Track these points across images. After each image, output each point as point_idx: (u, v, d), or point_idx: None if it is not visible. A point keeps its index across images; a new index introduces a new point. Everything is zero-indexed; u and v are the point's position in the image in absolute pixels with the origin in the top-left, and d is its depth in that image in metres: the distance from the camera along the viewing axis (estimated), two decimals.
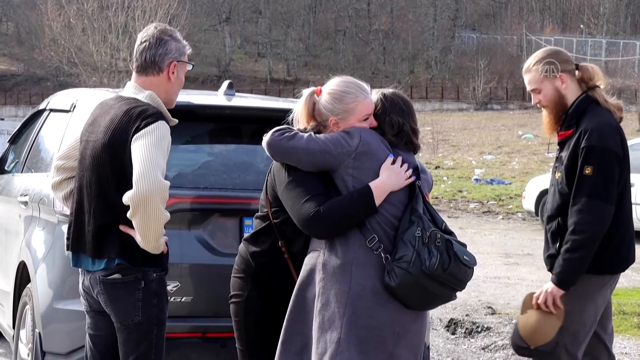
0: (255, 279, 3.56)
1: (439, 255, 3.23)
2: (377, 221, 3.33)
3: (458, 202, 19.22)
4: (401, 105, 3.61)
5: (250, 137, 4.74)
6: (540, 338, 3.92)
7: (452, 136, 36.75)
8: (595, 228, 3.76)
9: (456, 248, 3.28)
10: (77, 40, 44.80)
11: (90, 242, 3.57)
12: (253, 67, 68.92)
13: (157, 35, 3.68)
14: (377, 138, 3.46)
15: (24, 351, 4.69)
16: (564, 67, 3.94)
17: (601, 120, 3.86)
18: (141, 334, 3.58)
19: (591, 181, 3.79)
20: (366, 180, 3.34)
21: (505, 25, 69.74)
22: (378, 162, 3.38)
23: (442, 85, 60.24)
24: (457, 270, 3.27)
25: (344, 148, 3.35)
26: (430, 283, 3.24)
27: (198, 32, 63.68)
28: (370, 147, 3.39)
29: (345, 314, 3.26)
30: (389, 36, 69.83)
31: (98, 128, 3.62)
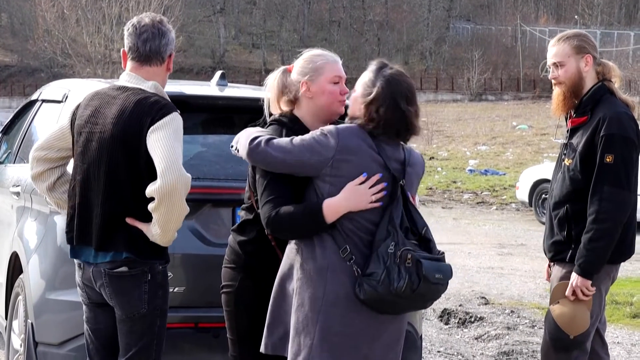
0: (245, 269, 3.57)
1: (408, 277, 3.13)
2: (352, 227, 3.25)
3: (452, 193, 19.24)
4: (406, 93, 3.37)
5: (243, 127, 4.70)
6: (579, 326, 3.93)
7: (446, 127, 36.76)
8: (618, 216, 3.79)
9: (426, 268, 3.15)
10: (71, 31, 44.65)
11: (97, 235, 3.56)
12: (247, 58, 68.79)
13: (158, 25, 3.69)
14: (359, 139, 3.29)
15: (16, 342, 4.69)
16: (592, 51, 4.01)
17: (619, 109, 3.89)
18: (145, 325, 3.60)
19: (613, 169, 3.80)
20: (342, 188, 3.26)
21: (499, 15, 69.69)
22: (357, 169, 3.26)
23: (437, 76, 60.20)
24: (426, 290, 3.18)
25: (321, 155, 3.25)
26: (399, 300, 3.19)
27: (192, 23, 63.51)
28: (348, 154, 3.25)
29: (319, 321, 3.24)
30: (384, 27, 69.74)
31: (104, 119, 3.57)
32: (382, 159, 3.28)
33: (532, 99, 50.63)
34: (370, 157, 3.27)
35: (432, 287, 3.18)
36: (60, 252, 4.19)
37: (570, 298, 3.90)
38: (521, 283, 9.21)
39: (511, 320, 7.28)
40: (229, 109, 4.70)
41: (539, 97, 49.09)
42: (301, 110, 3.60)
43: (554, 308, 3.99)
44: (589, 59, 3.99)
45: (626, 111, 3.91)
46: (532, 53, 59.81)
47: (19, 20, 65.24)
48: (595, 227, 3.79)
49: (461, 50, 63.46)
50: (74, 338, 4.07)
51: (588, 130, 3.88)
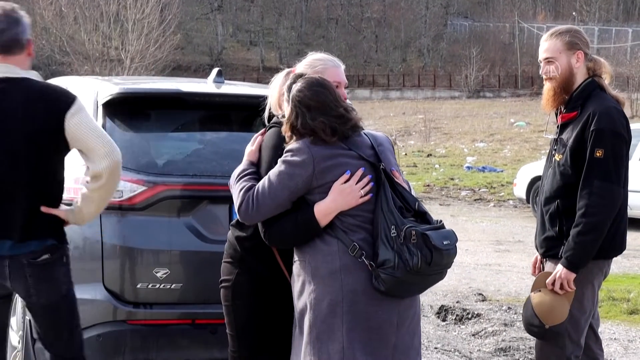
0: (242, 263, 3.59)
1: (420, 253, 3.21)
2: (355, 222, 3.29)
3: (450, 190, 19.26)
4: (312, 104, 3.35)
5: (240, 124, 4.75)
6: (556, 317, 3.92)
7: (444, 124, 36.78)
8: (607, 210, 3.78)
9: (433, 239, 3.23)
10: (68, 29, 44.61)
11: (19, 227, 3.53)
12: (245, 56, 68.80)
13: (11, 14, 3.62)
14: (327, 143, 3.32)
15: (14, 338, 4.71)
16: (583, 47, 4.00)
17: (609, 104, 3.89)
18: (72, 307, 3.68)
19: (602, 164, 3.80)
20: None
21: (497, 12, 69.77)
22: (340, 170, 3.29)
23: (435, 73, 60.24)
24: (440, 259, 3.25)
25: (302, 176, 3.28)
26: (418, 278, 3.25)
27: (190, 20, 63.52)
28: (325, 161, 3.29)
29: (344, 323, 3.27)
30: (381, 24, 69.75)
31: (4, 113, 3.50)
32: (355, 152, 3.33)
33: (529, 95, 50.70)
34: (345, 155, 3.32)
35: (444, 254, 3.25)
36: None
37: (549, 287, 3.92)
38: (518, 280, 9.22)
39: (508, 317, 7.29)
40: (226, 106, 4.72)
41: (536, 94, 49.13)
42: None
43: (534, 296, 4.01)
44: (580, 55, 3.98)
45: (616, 106, 3.92)
46: (530, 50, 59.84)
47: None
48: (584, 221, 3.80)
49: (459, 47, 63.49)
50: None
51: (578, 125, 3.89)
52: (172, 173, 4.25)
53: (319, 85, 3.37)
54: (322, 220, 3.27)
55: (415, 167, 23.13)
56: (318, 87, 3.37)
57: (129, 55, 38.55)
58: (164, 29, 39.53)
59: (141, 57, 38.11)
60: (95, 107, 4.43)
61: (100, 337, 4.01)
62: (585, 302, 3.95)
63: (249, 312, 3.57)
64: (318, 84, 3.38)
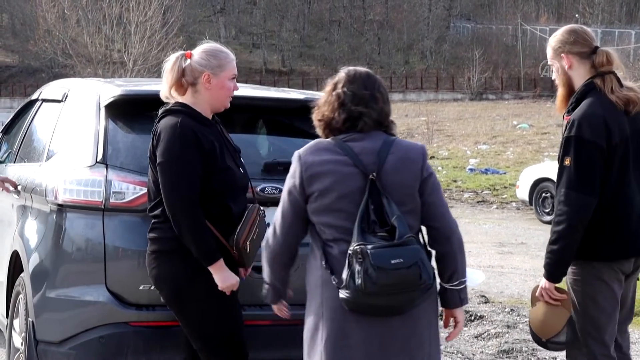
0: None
1: (364, 272, 3.05)
2: (336, 235, 3.21)
3: (452, 192, 19.25)
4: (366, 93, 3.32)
5: (243, 126, 4.75)
6: (548, 330, 3.93)
7: (446, 126, 36.76)
8: (573, 218, 3.74)
9: (375, 257, 3.05)
10: (71, 31, 44.65)
11: None
12: (248, 58, 68.82)
13: None
14: (319, 149, 3.27)
15: (17, 340, 4.71)
16: (571, 48, 3.91)
17: (587, 110, 3.81)
18: None
19: (569, 172, 3.79)
20: (321, 204, 3.24)
21: (500, 15, 69.74)
22: (327, 178, 3.21)
23: (437, 76, 60.22)
24: (391, 279, 3.06)
25: (295, 186, 3.27)
26: (374, 298, 3.09)
27: (193, 23, 63.55)
28: (313, 168, 3.24)
29: (322, 338, 3.20)
30: (384, 26, 69.75)
31: None
32: (348, 158, 3.23)
33: (532, 98, 50.65)
34: (335, 162, 3.24)
35: (395, 274, 3.05)
36: (60, 250, 4.20)
37: (540, 299, 3.94)
38: (521, 282, 9.22)
39: (511, 319, 7.29)
40: (229, 107, 4.71)
41: (539, 96, 49.13)
42: (195, 99, 3.83)
43: (531, 310, 4.05)
44: (568, 58, 3.91)
45: (595, 112, 3.81)
46: (533, 52, 59.82)
47: (20, 21, 65.29)
48: (553, 230, 3.81)
49: (462, 50, 63.48)
50: (74, 336, 4.08)
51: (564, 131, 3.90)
52: None
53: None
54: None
55: None
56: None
57: (132, 57, 38.58)
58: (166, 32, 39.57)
59: (144, 59, 38.14)
60: (98, 109, 4.43)
61: (103, 338, 4.01)
62: (601, 300, 3.89)
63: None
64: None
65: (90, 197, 4.14)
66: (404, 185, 3.25)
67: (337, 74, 3.42)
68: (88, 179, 4.16)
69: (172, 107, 3.81)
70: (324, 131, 3.35)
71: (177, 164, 3.68)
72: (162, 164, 3.70)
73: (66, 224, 4.20)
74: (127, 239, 4.06)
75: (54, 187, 4.30)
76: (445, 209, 3.33)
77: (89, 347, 4.04)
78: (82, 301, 4.10)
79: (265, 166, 4.34)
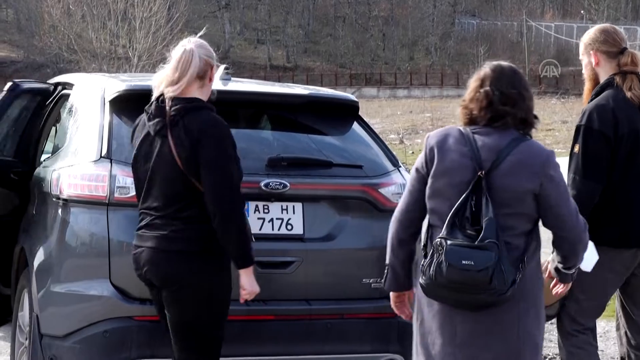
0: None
1: (437, 264, 3.18)
2: (436, 221, 3.31)
3: None
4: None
5: (247, 121, 4.75)
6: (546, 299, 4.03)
7: (452, 122, 36.62)
8: (577, 202, 3.85)
9: (448, 253, 3.16)
10: (76, 27, 44.71)
11: None
12: (252, 54, 68.85)
13: None
14: (445, 136, 3.34)
15: (22, 334, 4.73)
16: (600, 47, 4.16)
17: (599, 102, 4.06)
18: None
19: (577, 159, 4.04)
20: (434, 185, 3.32)
21: (505, 11, 69.66)
22: (442, 164, 3.28)
23: (442, 72, 60.17)
24: (457, 276, 3.17)
25: (419, 166, 3.37)
26: (443, 290, 3.22)
27: (198, 18, 63.52)
28: (433, 152, 3.32)
29: (416, 320, 3.42)
30: (389, 22, 69.71)
31: None
32: (468, 150, 3.28)
33: (537, 94, 50.50)
34: (455, 151, 3.29)
35: (463, 274, 3.15)
36: (65, 245, 4.21)
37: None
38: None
39: None
40: (233, 103, 4.72)
41: (544, 92, 49.04)
42: (201, 93, 3.79)
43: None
44: (597, 55, 4.15)
45: (606, 103, 4.04)
46: (538, 48, 59.78)
47: (25, 16, 65.37)
48: None
49: (466, 46, 63.45)
50: (79, 330, 4.09)
51: None
52: None
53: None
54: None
55: None
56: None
57: (137, 53, 38.64)
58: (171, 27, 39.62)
59: (148, 55, 38.21)
60: (102, 104, 4.44)
61: (107, 333, 4.02)
62: (586, 285, 4.02)
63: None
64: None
65: (94, 191, 4.14)
66: (514, 189, 3.26)
67: (482, 69, 3.44)
68: (92, 174, 4.17)
69: (198, 104, 3.71)
70: (465, 122, 3.41)
71: (233, 163, 3.67)
72: (217, 162, 3.63)
73: (70, 219, 4.21)
74: (132, 234, 4.06)
75: (58, 182, 4.31)
76: (570, 220, 3.31)
77: (93, 341, 4.05)
78: (86, 295, 4.11)
79: (269, 161, 4.34)
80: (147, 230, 3.77)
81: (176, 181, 3.69)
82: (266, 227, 4.27)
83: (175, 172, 3.67)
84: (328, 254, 4.35)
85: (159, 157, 3.72)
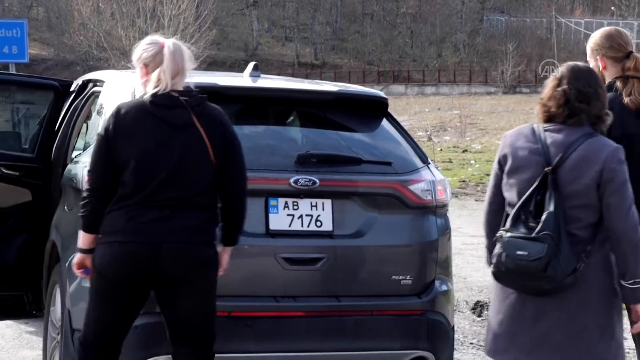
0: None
1: (498, 255, 3.45)
2: (509, 210, 3.54)
3: (485, 186, 19.06)
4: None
5: (276, 118, 4.76)
6: None
7: (479, 120, 36.57)
8: None
9: (504, 244, 3.43)
10: (105, 24, 45.02)
11: None
12: (280, 51, 68.88)
13: None
14: (517, 134, 3.62)
15: (54, 329, 4.77)
16: (606, 52, 4.28)
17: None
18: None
19: None
20: (509, 181, 3.56)
21: (534, 7, 69.14)
22: (513, 161, 3.54)
23: (470, 69, 59.88)
24: (514, 265, 3.41)
25: (498, 163, 3.63)
26: (506, 277, 3.47)
27: (226, 16, 63.75)
28: (505, 149, 3.62)
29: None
30: (417, 19, 69.46)
31: None
32: (539, 147, 3.50)
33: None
34: (526, 148, 3.53)
35: (518, 263, 3.39)
36: None
37: None
38: None
39: None
40: (262, 99, 4.73)
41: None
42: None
43: None
44: (603, 60, 4.26)
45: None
46: (568, 45, 59.28)
47: (55, 14, 65.89)
48: None
49: (495, 43, 63.07)
50: None
51: None
52: None
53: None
54: None
55: (450, 162, 23.02)
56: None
57: None
58: (199, 25, 39.75)
59: None
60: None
61: (138, 328, 4.03)
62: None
63: None
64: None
65: None
66: (579, 182, 3.43)
67: (559, 69, 3.64)
68: None
69: (202, 93, 3.86)
70: (544, 119, 3.61)
71: None
72: (239, 145, 3.87)
73: None
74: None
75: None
76: (618, 212, 3.41)
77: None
78: None
79: (298, 158, 4.34)
80: (161, 222, 3.71)
81: (206, 169, 3.76)
82: (295, 224, 4.28)
83: (206, 160, 3.75)
84: (357, 251, 4.35)
85: (188, 146, 3.74)
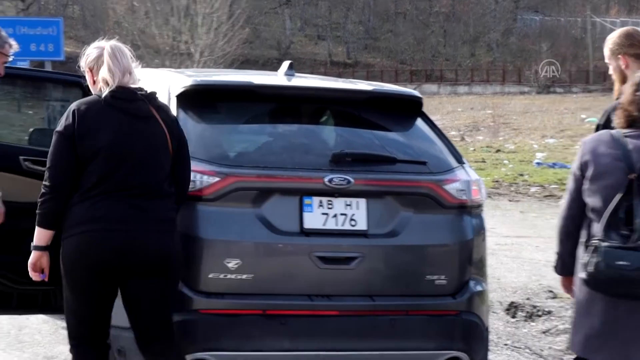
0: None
1: (595, 264, 3.47)
2: (594, 217, 3.59)
3: (519, 186, 19.00)
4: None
5: (310, 117, 4.76)
6: None
7: (513, 119, 36.35)
8: None
9: (603, 254, 3.45)
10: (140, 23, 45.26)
11: None
12: (313, 50, 68.95)
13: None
14: (597, 141, 3.64)
15: None
16: (628, 50, 4.35)
17: (613, 103, 4.15)
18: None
19: None
20: (591, 188, 3.62)
21: (569, 7, 68.54)
22: (596, 168, 3.58)
23: (504, 68, 59.54)
24: (615, 275, 3.44)
25: (577, 169, 3.69)
26: (605, 285, 3.50)
27: (259, 15, 63.91)
28: (586, 157, 3.65)
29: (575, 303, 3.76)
30: (450, 18, 69.17)
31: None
32: (620, 153, 3.54)
33: (602, 91, 49.74)
34: (607, 155, 3.57)
35: (619, 273, 3.42)
36: None
37: None
38: None
39: None
40: (297, 98, 4.73)
41: (609, 89, 48.12)
42: None
43: None
44: (625, 59, 4.33)
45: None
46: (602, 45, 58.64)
47: (90, 13, 66.48)
48: None
49: (529, 42, 62.66)
50: None
51: None
52: (244, 164, 4.27)
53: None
54: None
55: (483, 162, 22.92)
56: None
57: (199, 49, 38.97)
58: (232, 23, 39.84)
59: (210, 51, 38.49)
60: (169, 98, 4.48)
61: (173, 325, 4.05)
62: None
63: None
64: None
65: None
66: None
67: (636, 75, 3.70)
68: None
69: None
70: (624, 124, 3.64)
71: None
72: (185, 138, 4.02)
73: None
74: (197, 228, 4.10)
75: None
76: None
77: None
78: None
79: (333, 157, 4.33)
80: (127, 210, 3.80)
81: (166, 158, 3.91)
82: (330, 223, 4.27)
83: (166, 149, 3.91)
84: (391, 250, 4.33)
85: (151, 136, 3.89)
